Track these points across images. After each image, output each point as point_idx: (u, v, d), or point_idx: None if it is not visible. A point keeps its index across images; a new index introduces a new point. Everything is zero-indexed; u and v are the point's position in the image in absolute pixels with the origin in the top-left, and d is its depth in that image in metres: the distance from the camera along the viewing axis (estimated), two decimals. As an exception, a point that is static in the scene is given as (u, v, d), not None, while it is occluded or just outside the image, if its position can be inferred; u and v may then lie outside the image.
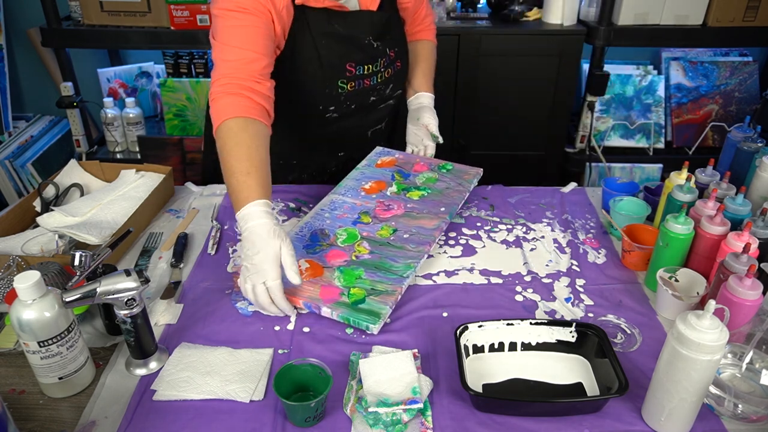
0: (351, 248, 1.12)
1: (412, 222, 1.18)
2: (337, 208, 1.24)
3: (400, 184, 1.30)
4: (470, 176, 1.34)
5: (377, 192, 1.28)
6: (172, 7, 2.11)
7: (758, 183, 1.16)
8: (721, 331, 0.74)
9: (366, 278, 1.04)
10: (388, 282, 1.03)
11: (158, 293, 1.08)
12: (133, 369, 0.91)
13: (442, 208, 1.22)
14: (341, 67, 1.26)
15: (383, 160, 1.40)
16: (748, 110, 2.43)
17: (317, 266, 1.07)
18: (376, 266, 1.07)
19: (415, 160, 1.40)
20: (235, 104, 1.05)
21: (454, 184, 1.31)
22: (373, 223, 1.19)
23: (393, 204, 1.24)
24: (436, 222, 1.18)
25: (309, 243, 1.14)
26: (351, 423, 0.83)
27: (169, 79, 2.38)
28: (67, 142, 2.56)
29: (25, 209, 1.28)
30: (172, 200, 1.41)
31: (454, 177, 1.33)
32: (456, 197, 1.26)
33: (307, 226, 1.18)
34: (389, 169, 1.37)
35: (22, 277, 0.80)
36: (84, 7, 2.17)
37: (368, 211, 1.22)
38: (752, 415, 0.83)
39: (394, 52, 1.34)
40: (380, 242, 1.13)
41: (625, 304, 1.07)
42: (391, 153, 1.43)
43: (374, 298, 1.00)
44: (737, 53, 2.50)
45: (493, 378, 0.91)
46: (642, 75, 2.43)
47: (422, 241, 1.13)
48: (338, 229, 1.17)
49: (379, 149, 1.45)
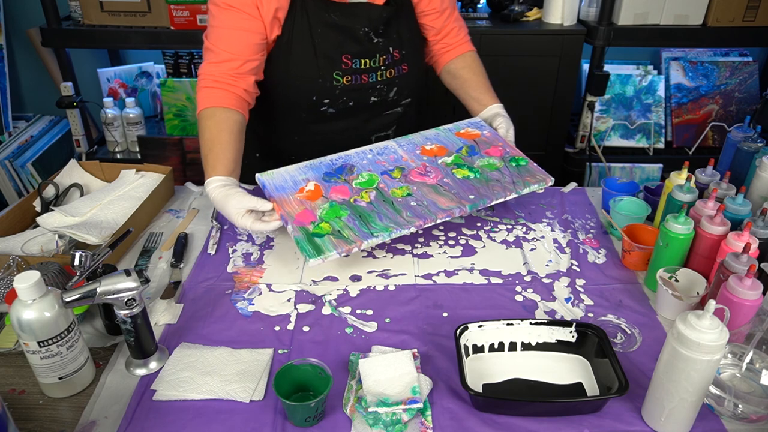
0: (358, 191, 1.13)
1: (430, 194, 1.14)
2: (383, 153, 1.23)
3: (458, 158, 1.23)
4: (532, 180, 1.19)
5: (432, 156, 1.24)
6: (172, 7, 2.11)
7: (758, 183, 1.16)
8: (721, 331, 0.74)
9: (343, 221, 1.06)
10: (356, 232, 1.04)
11: (158, 293, 1.08)
12: (133, 369, 0.91)
13: (471, 195, 1.14)
14: (337, 58, 1.25)
15: (468, 131, 1.32)
16: (748, 110, 2.43)
17: (318, 193, 1.13)
18: (360, 215, 1.08)
19: (497, 143, 1.28)
20: (208, 96, 1.18)
21: (508, 181, 1.19)
22: (398, 180, 1.17)
23: (432, 172, 1.19)
24: (452, 205, 1.12)
25: (332, 171, 1.17)
26: (351, 423, 0.83)
27: (169, 79, 2.38)
28: (67, 142, 2.56)
29: (25, 209, 1.28)
30: (172, 200, 1.41)
31: (515, 173, 1.20)
32: (496, 193, 1.16)
33: (345, 157, 1.21)
34: (465, 140, 1.29)
35: (22, 277, 0.80)
36: (84, 7, 2.17)
37: (405, 168, 1.20)
38: (752, 415, 0.83)
39: (399, 54, 1.32)
40: (386, 198, 1.12)
41: (625, 304, 1.07)
42: (482, 128, 1.33)
43: (333, 238, 1.03)
44: (737, 53, 2.50)
45: (493, 378, 0.91)
46: (642, 75, 2.43)
47: (421, 215, 1.09)
48: (366, 171, 1.18)
49: (476, 120, 1.36)
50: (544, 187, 1.21)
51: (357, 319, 1.03)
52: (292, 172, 1.18)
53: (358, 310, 1.05)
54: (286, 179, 1.16)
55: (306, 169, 1.19)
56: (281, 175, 1.17)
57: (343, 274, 1.14)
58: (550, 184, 1.21)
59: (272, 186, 1.15)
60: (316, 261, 0.99)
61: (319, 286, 1.11)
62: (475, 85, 1.40)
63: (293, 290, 1.10)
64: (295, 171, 1.19)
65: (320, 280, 1.13)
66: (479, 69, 1.43)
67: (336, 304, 1.06)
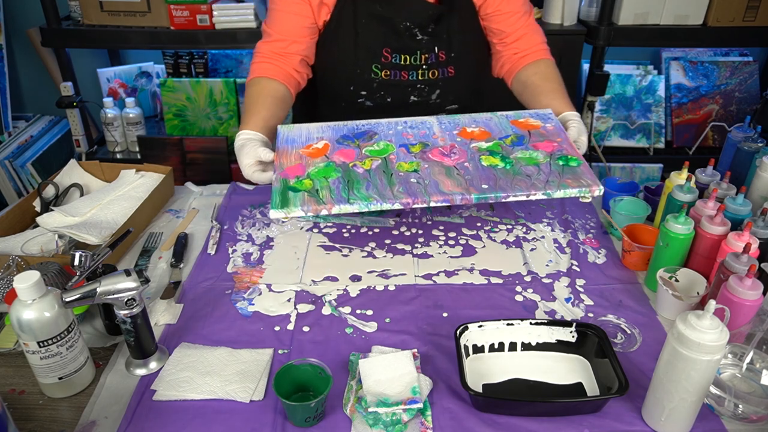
0: (363, 157, 1.07)
1: (438, 175, 1.02)
2: (416, 127, 1.16)
3: (496, 145, 1.10)
4: (573, 184, 1.00)
5: (468, 138, 1.12)
6: (171, 7, 2.11)
7: (758, 183, 1.16)
8: (721, 331, 0.74)
9: (328, 181, 1.01)
10: (333, 194, 0.99)
11: (158, 293, 1.08)
12: (133, 369, 0.91)
13: (485, 185, 1.00)
14: (377, 50, 1.24)
15: (528, 120, 1.17)
16: (748, 110, 2.43)
17: (323, 151, 1.09)
18: (349, 180, 1.02)
19: (556, 139, 1.11)
20: (257, 68, 1.24)
21: (542, 179, 1.01)
22: (414, 154, 1.08)
23: (457, 153, 1.08)
24: (456, 191, 0.98)
25: (350, 135, 1.14)
26: (351, 423, 0.83)
27: (168, 79, 2.38)
28: (66, 142, 2.56)
29: (24, 209, 1.28)
30: (172, 200, 1.41)
31: (556, 173, 1.03)
32: (517, 189, 0.99)
33: (374, 125, 1.16)
34: (517, 129, 1.14)
35: (21, 277, 0.80)
36: (84, 7, 2.17)
37: (430, 144, 1.10)
38: (752, 415, 0.83)
39: (446, 56, 1.27)
40: (386, 170, 1.04)
41: (625, 304, 1.07)
42: (547, 120, 1.16)
43: (307, 196, 0.98)
44: (737, 53, 2.50)
45: (493, 378, 0.91)
46: (642, 75, 2.43)
47: (413, 193, 0.98)
48: (384, 140, 1.12)
49: (545, 111, 1.20)
50: (588, 196, 1.00)
51: (357, 319, 1.03)
52: (312, 129, 1.16)
53: (358, 310, 1.05)
54: (302, 134, 1.14)
55: (326, 129, 1.16)
56: (299, 129, 1.16)
57: (343, 274, 1.14)
58: (597, 194, 0.99)
59: (284, 137, 1.13)
60: (277, 213, 0.96)
61: (319, 286, 1.11)
62: (545, 92, 1.24)
63: (293, 290, 1.10)
64: (315, 128, 1.16)
65: (320, 280, 1.13)
66: (553, 76, 1.28)
67: (336, 304, 1.06)
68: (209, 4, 2.10)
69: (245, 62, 2.47)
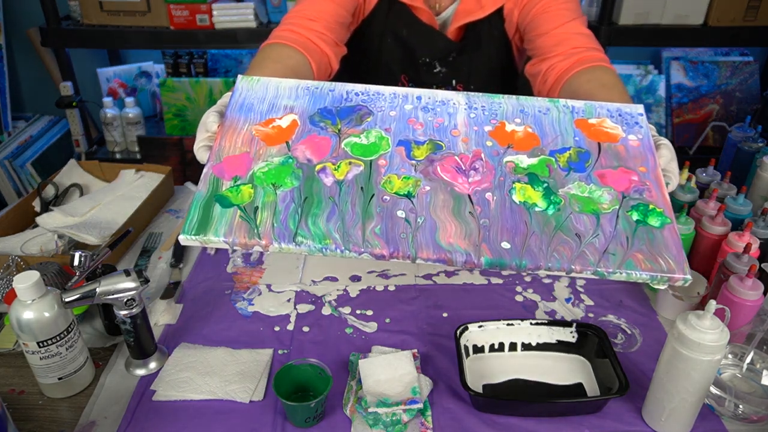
0: (338, 157, 0.76)
1: (441, 212, 0.71)
2: (430, 111, 0.82)
3: (541, 164, 0.76)
4: (643, 265, 0.68)
5: (504, 144, 0.78)
6: (171, 6, 2.11)
7: (759, 183, 1.16)
8: (721, 332, 0.74)
9: (277, 195, 0.72)
10: (276, 223, 0.69)
11: (158, 293, 1.08)
12: (133, 369, 0.91)
13: (507, 245, 0.69)
14: (396, 73, 1.23)
15: (604, 123, 0.83)
16: (748, 110, 2.43)
17: (286, 135, 0.78)
18: (307, 198, 0.72)
19: (638, 167, 0.78)
20: (273, 36, 1.09)
21: (597, 247, 0.69)
22: (416, 162, 0.76)
23: (480, 172, 0.75)
24: (460, 245, 0.68)
25: (331, 109, 0.81)
26: (351, 423, 0.83)
27: (168, 79, 2.38)
28: (66, 142, 2.56)
29: (24, 209, 1.28)
30: (172, 200, 1.41)
31: (623, 238, 0.70)
32: (555, 257, 0.68)
33: (373, 96, 0.84)
34: (584, 138, 0.80)
35: (21, 277, 0.80)
36: (83, 7, 2.17)
37: (444, 148, 0.78)
38: (753, 415, 0.83)
39: (464, 88, 1.22)
40: (366, 186, 0.73)
41: (625, 304, 1.07)
42: (632, 127, 0.83)
43: (239, 217, 0.70)
44: (738, 53, 2.50)
45: (493, 378, 0.91)
46: (642, 75, 2.43)
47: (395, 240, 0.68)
48: (379, 128, 0.80)
49: (632, 108, 0.86)
50: (665, 284, 0.69)
51: (357, 320, 1.03)
52: (282, 90, 0.84)
53: (358, 310, 1.05)
54: (267, 93, 0.83)
55: (303, 92, 0.84)
56: (265, 87, 0.84)
57: (343, 275, 1.14)
58: (680, 284, 0.69)
59: (240, 98, 0.83)
60: (187, 240, 0.68)
61: (319, 287, 1.11)
62: (605, 99, 0.90)
63: (293, 290, 1.10)
64: (286, 89, 0.84)
65: (320, 280, 1.13)
66: (612, 82, 1.00)
67: (336, 305, 1.06)
68: (209, 4, 2.10)
69: (245, 62, 2.47)
